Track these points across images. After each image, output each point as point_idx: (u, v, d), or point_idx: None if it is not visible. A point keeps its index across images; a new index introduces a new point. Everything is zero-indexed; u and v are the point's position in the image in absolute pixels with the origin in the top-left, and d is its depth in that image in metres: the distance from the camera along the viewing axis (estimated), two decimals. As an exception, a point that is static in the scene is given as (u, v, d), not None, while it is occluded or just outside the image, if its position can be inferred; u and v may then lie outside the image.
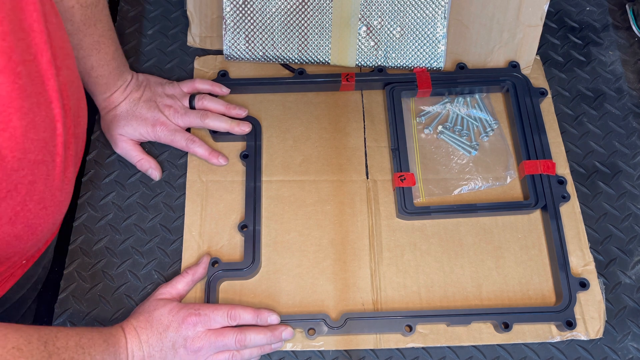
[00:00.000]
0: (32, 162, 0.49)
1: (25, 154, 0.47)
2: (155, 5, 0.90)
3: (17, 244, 0.52)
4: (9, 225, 0.49)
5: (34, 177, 0.50)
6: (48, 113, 0.50)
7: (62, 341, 0.51)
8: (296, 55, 0.81)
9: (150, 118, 0.74)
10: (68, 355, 0.50)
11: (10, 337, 0.46)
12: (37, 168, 0.50)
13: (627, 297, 0.70)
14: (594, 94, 0.83)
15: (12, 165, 0.46)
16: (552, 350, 0.67)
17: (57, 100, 0.50)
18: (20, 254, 0.55)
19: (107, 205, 0.75)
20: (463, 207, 0.72)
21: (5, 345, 0.45)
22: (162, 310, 0.62)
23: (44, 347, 0.48)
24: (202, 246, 0.72)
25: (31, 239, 0.54)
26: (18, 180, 0.48)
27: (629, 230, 0.74)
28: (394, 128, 0.76)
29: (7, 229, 0.49)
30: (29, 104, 0.46)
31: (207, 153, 0.75)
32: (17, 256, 0.55)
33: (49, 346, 0.49)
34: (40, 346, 0.48)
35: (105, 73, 0.71)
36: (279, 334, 0.63)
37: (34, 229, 0.53)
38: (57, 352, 0.50)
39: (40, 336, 0.49)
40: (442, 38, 0.79)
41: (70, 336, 0.52)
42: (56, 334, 0.51)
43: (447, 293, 0.69)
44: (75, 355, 0.51)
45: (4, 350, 0.45)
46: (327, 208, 0.74)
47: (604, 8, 0.90)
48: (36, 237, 0.55)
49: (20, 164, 0.47)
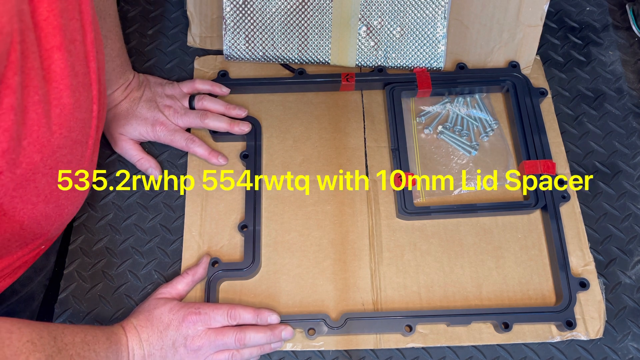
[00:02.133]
0: (73, 141, 0.50)
1: (70, 132, 0.49)
2: (155, 5, 0.90)
3: (46, 223, 0.53)
4: (44, 204, 0.50)
5: (72, 157, 0.51)
6: (89, 94, 0.51)
7: (69, 337, 0.52)
8: (296, 55, 0.81)
9: (150, 118, 0.74)
10: (75, 351, 0.51)
11: (24, 331, 0.47)
12: (75, 147, 0.51)
13: (627, 297, 0.70)
14: (594, 94, 0.83)
15: (58, 142, 0.47)
16: (552, 350, 0.67)
17: (95, 82, 0.52)
18: (44, 236, 0.56)
19: (107, 206, 0.75)
20: (463, 207, 0.72)
21: (21, 339, 0.46)
22: (163, 309, 0.62)
23: (54, 343, 0.49)
24: (202, 246, 0.72)
25: (57, 220, 0.55)
26: (59, 158, 0.49)
27: (629, 230, 0.74)
28: (394, 128, 0.76)
29: (41, 207, 0.50)
30: (76, 83, 0.48)
31: (207, 153, 0.75)
32: (42, 238, 0.56)
33: (58, 341, 0.50)
34: (50, 341, 0.49)
35: (109, 70, 0.71)
36: (279, 334, 0.63)
37: (61, 209, 0.54)
38: (65, 347, 0.50)
39: (50, 331, 0.50)
40: (442, 38, 0.79)
41: (76, 333, 0.53)
42: (63, 330, 0.52)
43: (447, 293, 0.69)
44: (81, 351, 0.52)
45: (19, 343, 0.46)
46: (327, 208, 0.74)
47: (604, 8, 0.90)
48: (62, 218, 0.56)
49: (65, 142, 0.48)
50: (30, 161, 0.45)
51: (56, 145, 0.47)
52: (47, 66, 0.45)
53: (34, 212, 0.50)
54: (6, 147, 0.42)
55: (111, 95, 0.73)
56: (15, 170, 0.44)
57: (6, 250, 0.52)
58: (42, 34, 0.43)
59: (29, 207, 0.49)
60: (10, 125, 0.41)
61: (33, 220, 0.51)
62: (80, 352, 0.52)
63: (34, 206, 0.50)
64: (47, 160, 0.47)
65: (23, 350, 0.46)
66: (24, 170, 0.45)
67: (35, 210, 0.50)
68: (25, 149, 0.44)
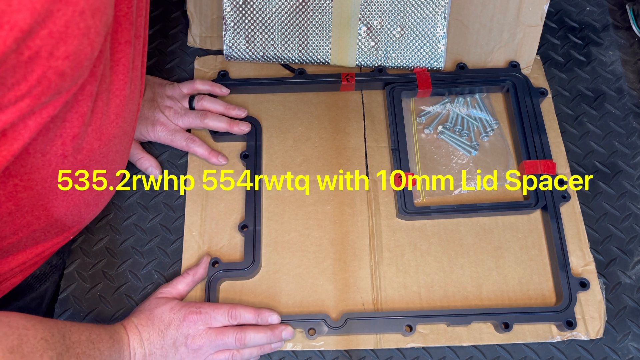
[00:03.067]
0: (124, 131, 0.52)
1: (124, 123, 0.50)
2: (155, 6, 0.90)
3: (85, 212, 0.55)
4: (89, 191, 0.52)
5: (121, 146, 0.52)
6: (139, 87, 0.53)
7: (76, 335, 0.52)
8: (296, 56, 0.81)
9: (150, 118, 0.74)
10: (81, 349, 0.52)
11: (38, 327, 0.48)
12: (124, 138, 0.53)
13: (627, 297, 0.70)
14: (594, 94, 0.83)
15: (114, 132, 0.49)
16: (552, 350, 0.67)
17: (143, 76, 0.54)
18: (79, 224, 0.57)
19: (107, 206, 0.75)
20: (463, 207, 0.72)
21: (36, 336, 0.47)
22: (163, 308, 0.62)
23: (63, 341, 0.50)
24: (202, 246, 0.72)
25: (92, 210, 0.56)
26: (112, 147, 0.50)
27: (629, 230, 0.74)
28: (394, 128, 0.76)
29: (86, 194, 0.52)
30: (132, 77, 0.49)
31: (207, 152, 0.75)
32: (77, 225, 0.57)
33: (67, 340, 0.50)
34: (60, 339, 0.49)
35: None
36: (279, 334, 0.64)
37: (99, 198, 0.55)
38: (73, 345, 0.51)
39: (59, 329, 0.50)
40: (442, 38, 0.79)
41: (81, 331, 0.53)
42: (70, 328, 0.52)
43: (447, 293, 0.69)
44: (87, 350, 0.52)
45: (35, 340, 0.46)
46: (327, 208, 0.74)
47: (604, 8, 0.90)
48: (97, 207, 0.57)
49: (118, 131, 0.50)
50: (90, 148, 0.47)
51: (112, 135, 0.49)
52: (118, 59, 0.46)
53: (78, 200, 0.52)
54: (77, 132, 0.43)
55: None
56: (77, 155, 0.46)
57: (46, 236, 0.53)
58: (119, 28, 0.45)
59: (77, 193, 0.51)
60: (85, 111, 0.43)
61: (75, 207, 0.52)
62: (86, 351, 0.52)
63: (80, 193, 0.51)
64: (103, 149, 0.49)
65: (38, 347, 0.46)
66: (84, 156, 0.47)
67: (80, 197, 0.51)
68: (89, 136, 0.45)
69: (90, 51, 0.37)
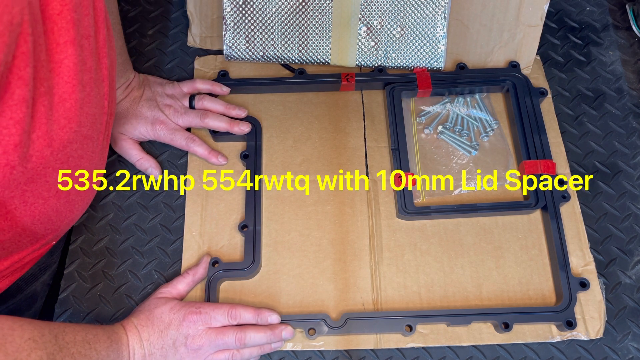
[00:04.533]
0: (84, 136, 0.50)
1: (80, 127, 0.49)
2: (155, 5, 0.90)
3: (57, 219, 0.54)
4: (55, 199, 0.51)
5: (83, 152, 0.51)
6: (100, 90, 0.51)
7: (70, 336, 0.52)
8: (296, 55, 0.81)
9: (150, 117, 0.74)
10: (76, 349, 0.51)
11: (25, 328, 0.48)
12: (86, 143, 0.51)
13: (627, 297, 0.70)
14: (594, 94, 0.83)
15: (68, 137, 0.47)
16: (552, 350, 0.67)
17: (106, 79, 0.52)
18: (55, 232, 0.56)
19: (107, 206, 0.75)
20: (463, 207, 0.72)
21: (23, 336, 0.47)
22: (163, 308, 0.62)
23: (55, 341, 0.50)
24: (202, 246, 0.72)
25: (68, 215, 0.55)
26: (70, 153, 0.49)
27: (629, 230, 0.74)
28: (394, 128, 0.76)
29: (53, 202, 0.51)
30: (87, 78, 0.48)
31: (207, 152, 0.75)
32: (52, 234, 0.56)
33: (59, 340, 0.50)
34: (52, 339, 0.49)
35: None
36: (279, 333, 0.64)
37: (72, 205, 0.54)
38: (67, 346, 0.51)
39: (51, 330, 0.50)
40: (442, 38, 0.79)
41: (77, 331, 0.53)
42: (64, 329, 0.52)
43: (447, 293, 0.69)
44: (82, 350, 0.52)
45: (21, 340, 0.46)
46: (327, 208, 0.74)
47: (604, 8, 0.90)
48: (72, 214, 0.56)
49: (75, 137, 0.48)
50: (41, 155, 0.45)
51: (66, 140, 0.47)
52: (59, 60, 0.45)
53: (45, 208, 0.51)
54: (18, 141, 0.42)
55: None
56: (26, 164, 0.44)
57: (17, 246, 0.53)
58: (55, 28, 0.44)
59: (40, 202, 0.50)
60: (22, 118, 0.41)
61: (44, 215, 0.51)
62: (81, 351, 0.52)
63: (45, 201, 0.50)
64: (57, 155, 0.47)
65: (24, 347, 0.46)
66: (35, 164, 0.45)
67: (47, 205, 0.50)
68: (35, 143, 0.44)
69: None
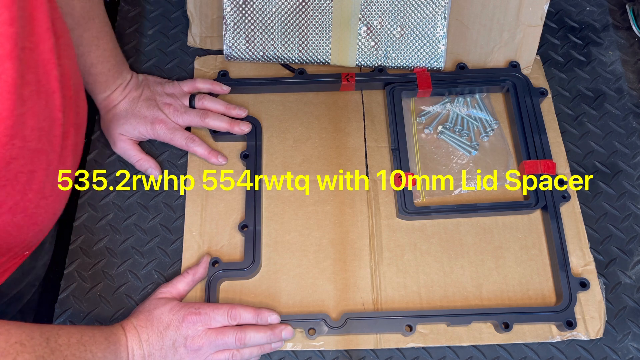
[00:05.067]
0: (32, 150, 0.48)
1: (25, 142, 0.47)
2: (155, 5, 0.90)
3: (18, 234, 0.52)
4: (10, 215, 0.49)
5: (33, 166, 0.50)
6: (49, 102, 0.50)
7: (64, 338, 0.51)
8: (296, 55, 0.81)
9: (149, 116, 0.74)
10: (70, 352, 0.51)
11: (12, 332, 0.47)
12: (36, 157, 0.49)
13: (627, 297, 0.70)
14: (594, 94, 0.83)
15: (11, 153, 0.46)
16: (552, 350, 0.67)
17: (58, 90, 0.50)
18: (21, 245, 0.55)
19: (107, 205, 0.75)
20: (463, 207, 0.72)
21: (9, 340, 0.46)
22: (163, 309, 0.62)
23: (46, 344, 0.49)
24: (202, 246, 0.72)
25: (32, 229, 0.54)
26: (18, 168, 0.48)
27: (629, 230, 0.74)
28: (394, 128, 0.76)
29: (8, 217, 0.49)
30: (28, 92, 0.46)
31: (207, 152, 0.75)
32: (18, 247, 0.55)
33: (51, 342, 0.50)
34: (42, 342, 0.49)
35: (105, 70, 0.71)
36: (279, 333, 0.63)
37: (34, 218, 0.53)
38: (59, 348, 0.50)
39: (42, 333, 0.49)
40: (442, 38, 0.79)
41: (72, 334, 0.53)
42: (58, 331, 0.51)
43: (447, 293, 0.69)
44: (76, 352, 0.51)
45: (7, 344, 0.46)
46: (327, 208, 0.74)
47: (604, 8, 0.90)
48: (37, 227, 0.55)
49: (20, 152, 0.47)
50: None
51: (9, 156, 0.46)
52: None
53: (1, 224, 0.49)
54: None
55: (109, 97, 0.73)
56: None
57: None
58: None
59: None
60: None
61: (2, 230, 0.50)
62: (75, 353, 0.51)
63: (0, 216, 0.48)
64: (1, 171, 0.46)
65: (10, 351, 0.45)
66: None
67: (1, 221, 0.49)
68: None
69: None
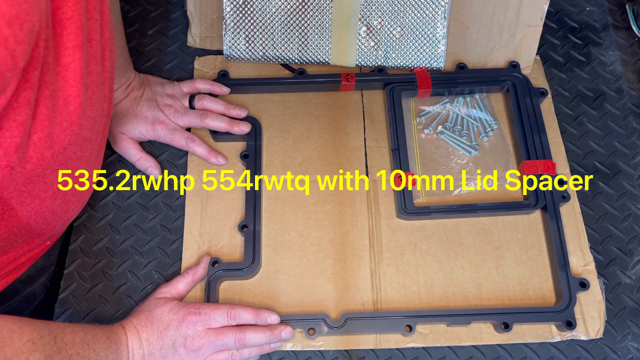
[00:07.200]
0: (84, 138, 0.50)
1: (81, 130, 0.49)
2: (155, 5, 0.90)
3: (52, 219, 0.54)
4: (51, 200, 0.51)
5: (82, 154, 0.51)
6: (101, 92, 0.51)
7: (69, 337, 0.52)
8: (296, 56, 0.81)
9: (150, 117, 0.74)
10: (75, 350, 0.51)
11: (25, 330, 0.47)
12: (85, 145, 0.51)
13: (627, 297, 0.70)
14: (594, 94, 0.83)
15: (69, 139, 0.48)
16: (552, 350, 0.67)
17: (107, 81, 0.52)
18: (50, 231, 0.56)
19: (107, 205, 0.75)
20: (463, 207, 0.72)
21: (22, 338, 0.47)
22: (163, 308, 0.62)
23: (54, 342, 0.50)
24: (202, 246, 0.72)
25: (63, 216, 0.55)
26: (70, 155, 0.49)
27: (629, 230, 0.74)
28: (394, 128, 0.76)
29: (49, 203, 0.51)
30: (89, 81, 0.48)
31: (207, 152, 0.75)
32: (47, 233, 0.56)
33: (58, 341, 0.50)
34: (50, 341, 0.49)
35: None
36: (279, 334, 0.63)
37: (68, 205, 0.55)
38: (65, 347, 0.51)
39: (50, 331, 0.50)
40: (442, 38, 0.79)
41: (76, 332, 0.53)
42: (63, 330, 0.52)
43: (447, 293, 0.69)
44: (81, 351, 0.52)
45: (20, 342, 0.46)
46: (327, 208, 0.74)
47: (604, 8, 0.90)
48: (67, 214, 0.56)
49: (76, 139, 0.49)
50: (41, 157, 0.46)
51: (67, 142, 0.48)
52: (66, 64, 0.45)
53: (41, 208, 0.51)
54: (19, 142, 0.42)
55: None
56: (25, 165, 0.45)
57: (11, 244, 0.53)
58: (64, 32, 0.44)
59: (37, 202, 0.50)
60: (24, 120, 0.41)
61: (40, 215, 0.51)
62: (80, 352, 0.52)
63: (41, 202, 0.50)
64: (57, 157, 0.48)
65: (23, 350, 0.46)
66: (34, 165, 0.46)
67: (43, 205, 0.51)
68: (36, 144, 0.44)
69: (10, 61, 0.35)
